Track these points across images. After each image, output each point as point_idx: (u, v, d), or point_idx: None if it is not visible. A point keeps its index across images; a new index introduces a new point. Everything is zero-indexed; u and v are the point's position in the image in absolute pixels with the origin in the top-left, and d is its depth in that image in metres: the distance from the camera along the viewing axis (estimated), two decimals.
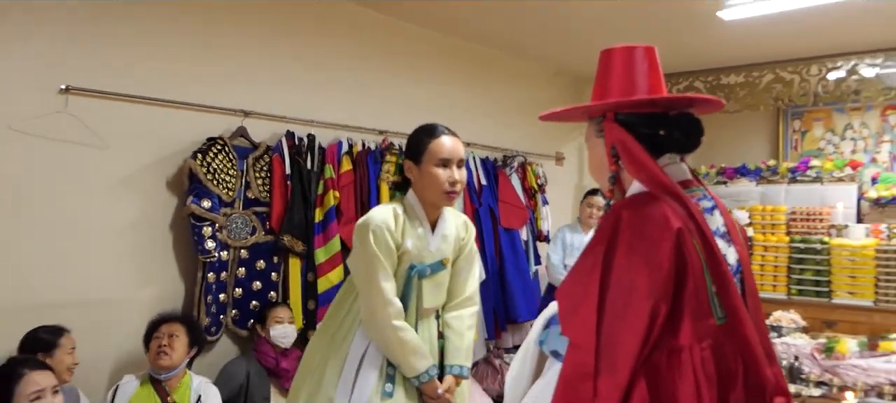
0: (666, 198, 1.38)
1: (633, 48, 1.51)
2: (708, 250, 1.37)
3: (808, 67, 4.87)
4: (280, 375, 3.16)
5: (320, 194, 3.51)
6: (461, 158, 2.15)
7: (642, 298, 1.29)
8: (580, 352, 1.32)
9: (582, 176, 5.97)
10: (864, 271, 4.56)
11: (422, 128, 2.17)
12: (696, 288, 1.34)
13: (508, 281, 4.49)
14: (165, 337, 2.74)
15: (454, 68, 4.60)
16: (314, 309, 3.46)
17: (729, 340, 1.37)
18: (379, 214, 2.09)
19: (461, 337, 2.23)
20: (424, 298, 2.14)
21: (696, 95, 1.52)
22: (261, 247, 3.34)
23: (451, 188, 2.11)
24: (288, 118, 3.52)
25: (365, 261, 2.05)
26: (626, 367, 1.28)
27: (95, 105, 2.85)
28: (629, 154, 1.45)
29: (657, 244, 1.32)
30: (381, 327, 2.04)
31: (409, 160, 2.15)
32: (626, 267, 1.33)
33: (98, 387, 2.85)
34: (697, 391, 1.30)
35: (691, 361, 1.31)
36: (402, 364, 2.07)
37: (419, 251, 2.12)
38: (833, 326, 4.63)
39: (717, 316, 1.37)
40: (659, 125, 1.47)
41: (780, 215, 5.03)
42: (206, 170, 3.07)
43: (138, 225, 3.03)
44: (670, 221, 1.33)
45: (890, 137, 5.28)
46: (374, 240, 2.02)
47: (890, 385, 3.60)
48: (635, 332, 1.28)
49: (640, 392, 1.29)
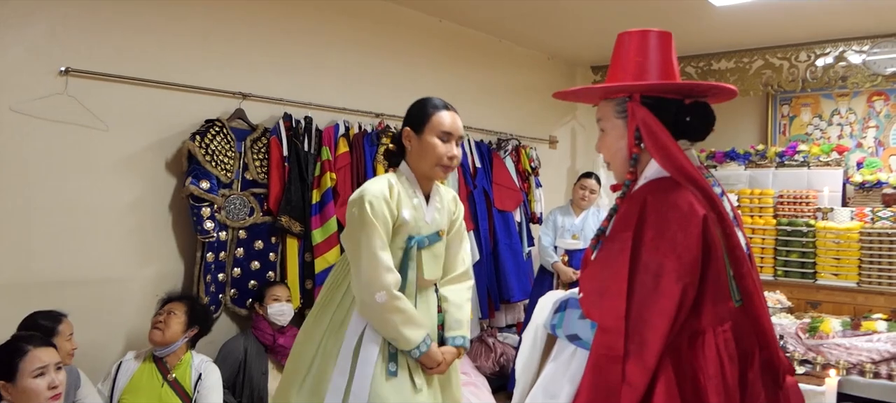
0: (687, 185, 1.40)
1: (648, 32, 1.52)
2: (726, 234, 1.41)
3: (797, 53, 4.94)
4: (277, 352, 3.23)
5: (317, 176, 3.56)
6: (460, 135, 2.17)
7: (672, 282, 1.32)
8: (609, 336, 1.33)
9: (574, 159, 6.04)
10: (849, 253, 4.66)
11: (426, 99, 2.18)
12: (718, 272, 1.38)
13: (502, 262, 4.56)
14: (163, 314, 2.80)
15: (450, 53, 4.64)
16: (311, 289, 3.52)
17: (745, 321, 1.42)
18: (375, 186, 2.07)
19: (460, 309, 2.24)
20: (424, 269, 2.13)
21: (715, 84, 1.53)
22: (259, 228, 3.39)
23: (449, 162, 2.12)
24: (285, 101, 3.55)
25: (362, 232, 2.01)
26: (654, 350, 1.30)
27: (95, 87, 2.88)
28: (654, 137, 1.45)
29: (684, 229, 1.34)
30: (378, 298, 1.98)
31: (409, 128, 2.15)
32: (653, 252, 1.34)
33: (99, 366, 2.90)
34: (722, 370, 1.34)
35: (715, 342, 1.35)
36: (398, 339, 2.03)
37: (416, 221, 2.11)
38: (817, 306, 4.74)
39: (735, 298, 1.42)
40: (681, 111, 1.48)
41: (767, 198, 5.13)
42: (205, 152, 3.11)
43: (138, 205, 3.07)
44: (695, 207, 1.36)
45: (875, 123, 5.37)
46: (371, 211, 2.00)
47: (871, 363, 3.71)
48: (665, 315, 1.31)
49: (666, 375, 1.32)
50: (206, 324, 2.96)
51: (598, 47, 5.21)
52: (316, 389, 2.05)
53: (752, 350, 1.43)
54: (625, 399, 1.30)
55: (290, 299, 3.34)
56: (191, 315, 2.86)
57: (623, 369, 1.31)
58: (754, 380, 1.41)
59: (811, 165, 5.19)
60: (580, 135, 6.09)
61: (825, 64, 4.83)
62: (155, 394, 2.73)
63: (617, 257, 1.38)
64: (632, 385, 1.30)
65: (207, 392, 2.78)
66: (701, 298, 1.36)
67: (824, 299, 4.75)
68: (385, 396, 2.00)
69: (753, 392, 1.40)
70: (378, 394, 1.99)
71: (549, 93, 5.47)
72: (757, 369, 1.42)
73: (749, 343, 1.43)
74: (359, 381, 2.00)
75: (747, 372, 1.40)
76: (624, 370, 1.31)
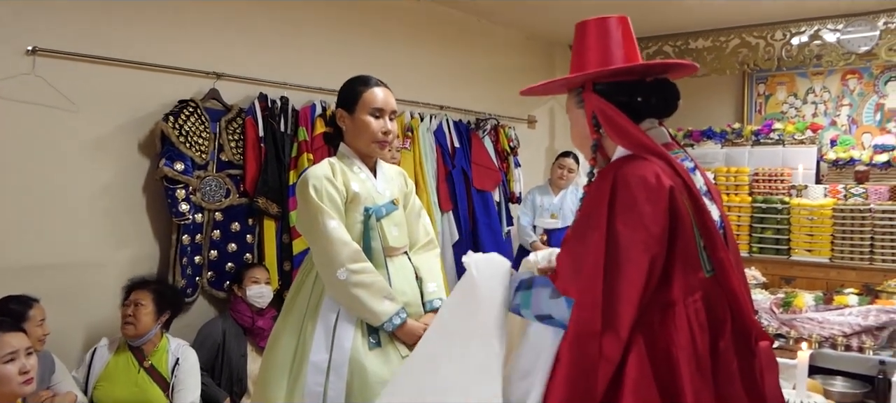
0: (653, 159, 1.44)
1: (607, 19, 1.55)
2: (695, 206, 1.43)
3: (773, 32, 4.97)
4: (256, 333, 3.21)
5: (294, 157, 3.52)
6: (394, 110, 2.16)
7: (639, 253, 1.35)
8: (586, 311, 1.35)
9: (553, 139, 6.05)
10: (822, 229, 4.74)
11: (355, 78, 2.18)
12: (686, 243, 1.41)
13: (481, 242, 4.57)
14: (131, 306, 2.75)
15: (428, 32, 4.60)
16: (290, 270, 3.50)
17: (717, 291, 1.45)
18: (316, 169, 2.08)
19: (432, 274, 2.24)
20: (388, 237, 2.12)
21: (671, 61, 1.56)
22: (235, 210, 3.35)
23: (384, 137, 2.12)
24: (261, 80, 3.50)
25: (311, 215, 2.01)
26: (626, 322, 1.33)
27: (64, 67, 2.81)
28: (610, 121, 1.50)
29: (652, 201, 1.37)
30: (339, 275, 1.96)
31: (341, 109, 2.15)
32: (623, 225, 1.37)
33: (73, 351, 2.86)
34: (693, 339, 1.37)
35: (686, 313, 1.38)
36: (368, 315, 1.99)
37: (368, 192, 2.11)
38: (791, 282, 4.82)
39: (706, 269, 1.45)
40: (636, 92, 1.52)
41: (743, 176, 5.19)
42: (179, 133, 3.06)
43: (110, 188, 3.02)
44: (662, 179, 1.39)
45: (849, 101, 5.44)
46: (315, 194, 2.01)
47: (842, 336, 3.78)
48: (634, 286, 1.34)
49: (638, 348, 1.35)
50: (177, 306, 2.91)
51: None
52: (299, 372, 2.02)
53: (725, 319, 1.45)
54: (602, 372, 1.33)
55: (269, 281, 3.32)
56: (159, 301, 2.80)
57: (600, 343, 1.33)
58: (726, 349, 1.43)
59: (786, 143, 5.25)
60: (559, 115, 6.09)
61: (800, 42, 4.87)
62: (131, 381, 2.71)
63: (592, 233, 1.40)
64: (608, 358, 1.33)
65: (185, 376, 2.76)
66: (671, 269, 1.39)
67: (798, 275, 4.83)
68: (368, 366, 1.98)
69: (725, 360, 1.42)
70: (361, 365, 1.97)
71: (528, 73, 5.47)
72: (729, 337, 1.44)
73: (721, 313, 1.45)
74: (338, 356, 1.98)
75: (719, 341, 1.43)
76: (600, 344, 1.33)
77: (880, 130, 5.30)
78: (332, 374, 1.98)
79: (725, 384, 1.42)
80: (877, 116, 5.35)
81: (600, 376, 1.33)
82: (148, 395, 2.71)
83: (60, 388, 2.57)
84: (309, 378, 1.98)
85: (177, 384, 2.75)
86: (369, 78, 2.17)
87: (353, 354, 1.99)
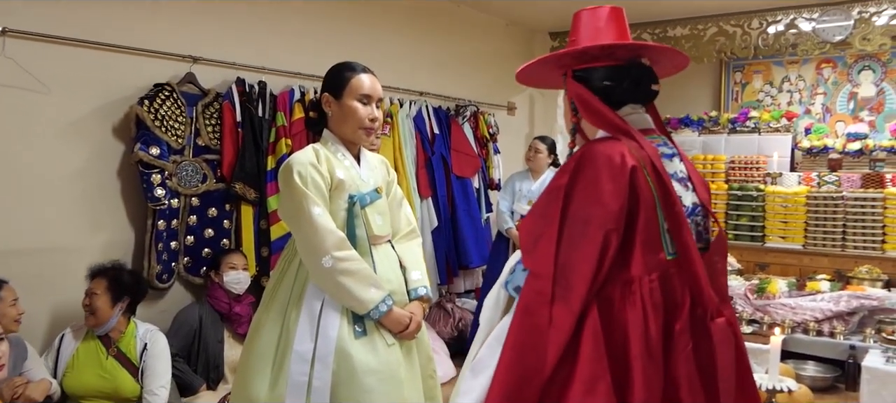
0: (623, 139, 1.47)
1: (599, 8, 1.60)
2: (662, 189, 1.45)
3: (750, 21, 5.02)
4: (233, 320, 3.19)
5: (272, 142, 3.49)
6: (380, 97, 2.15)
7: (596, 228, 1.38)
8: (539, 280, 1.40)
9: (533, 125, 6.06)
10: (796, 217, 4.82)
11: (342, 63, 2.15)
12: (647, 222, 1.43)
13: (460, 228, 4.58)
14: (87, 297, 2.70)
15: (408, 18, 4.57)
16: (268, 256, 3.48)
17: (678, 274, 1.47)
18: (301, 155, 2.03)
19: (415, 263, 2.23)
20: (372, 226, 2.10)
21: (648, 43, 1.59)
22: (212, 195, 3.32)
23: (371, 124, 2.10)
24: (238, 65, 3.46)
25: (295, 202, 1.97)
26: (579, 294, 1.36)
27: (36, 48, 2.75)
28: (586, 105, 1.56)
29: (613, 179, 1.40)
30: (324, 263, 1.93)
31: (328, 94, 2.12)
32: (582, 200, 1.41)
33: (43, 338, 2.82)
34: (644, 317, 1.39)
35: (640, 290, 1.41)
36: (354, 303, 1.96)
37: (353, 179, 2.09)
38: (765, 268, 4.90)
39: (668, 251, 1.47)
40: (607, 76, 1.56)
41: (719, 164, 5.25)
42: (154, 117, 3.02)
43: (84, 172, 2.97)
44: (626, 158, 1.42)
45: (823, 90, 5.52)
46: (300, 181, 1.97)
47: (815, 321, 3.86)
48: (589, 260, 1.37)
49: (592, 321, 1.37)
50: (137, 291, 2.82)
51: (557, 13, 5.20)
52: (283, 362, 1.98)
53: (682, 302, 1.45)
54: (551, 340, 1.35)
55: (247, 267, 3.29)
56: (114, 288, 2.72)
57: (550, 312, 1.36)
58: (682, 331, 1.43)
59: (762, 131, 5.33)
60: (538, 102, 6.10)
61: (776, 31, 4.93)
62: (100, 368, 2.68)
63: (551, 205, 1.45)
64: (558, 327, 1.36)
65: (154, 361, 2.73)
66: (630, 247, 1.42)
67: (772, 261, 4.91)
68: (354, 355, 1.95)
69: (679, 343, 1.43)
70: (347, 353, 1.95)
71: (508, 60, 5.47)
72: (685, 320, 1.45)
73: (679, 296, 1.46)
74: (324, 345, 1.95)
75: (674, 323, 1.44)
76: (551, 313, 1.36)
77: (853, 119, 5.39)
78: (318, 364, 1.94)
79: (678, 365, 1.42)
80: (850, 105, 5.44)
81: (551, 343, 1.35)
82: (117, 381, 2.68)
83: (33, 375, 2.54)
84: (293, 368, 1.94)
85: (146, 369, 2.72)
86: (356, 64, 2.15)
87: (338, 343, 1.95)
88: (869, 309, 3.80)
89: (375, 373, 1.96)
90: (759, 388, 2.68)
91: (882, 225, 4.55)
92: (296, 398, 1.93)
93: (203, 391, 3.02)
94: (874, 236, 4.57)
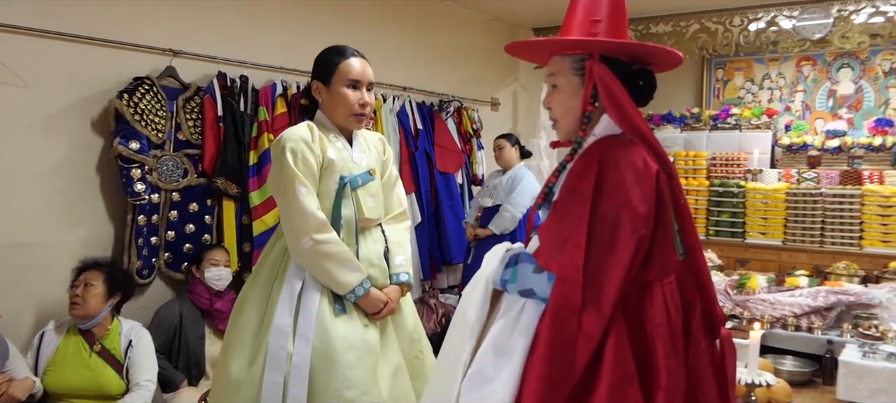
0: (639, 143, 1.46)
1: None
2: (675, 192, 1.47)
3: (732, 18, 5.06)
4: (214, 316, 3.17)
5: (254, 137, 3.46)
6: (371, 81, 2.13)
7: (628, 233, 1.36)
8: (567, 286, 1.36)
9: (516, 121, 6.07)
10: (775, 213, 4.88)
11: (331, 48, 2.13)
12: (666, 227, 1.44)
13: (444, 224, 4.58)
14: (80, 287, 2.66)
15: (391, 12, 4.55)
16: (249, 252, 3.45)
17: (688, 274, 1.50)
18: (295, 131, 2.01)
19: (400, 247, 2.22)
20: (363, 209, 2.09)
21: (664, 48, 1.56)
22: (193, 190, 3.29)
23: (361, 110, 2.09)
24: (219, 59, 3.43)
25: (283, 179, 1.97)
26: (610, 300, 1.34)
27: (12, 41, 2.71)
28: (613, 96, 1.46)
29: (641, 183, 1.39)
30: (304, 244, 1.94)
31: (317, 81, 2.11)
32: (611, 203, 1.38)
33: (22, 335, 2.78)
34: (668, 319, 1.41)
35: (662, 293, 1.42)
36: (332, 283, 1.98)
37: (344, 161, 2.07)
38: (745, 264, 4.95)
39: (679, 252, 1.48)
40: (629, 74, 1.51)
41: (701, 160, 5.30)
42: (134, 111, 2.98)
43: (63, 167, 2.92)
44: (650, 163, 1.42)
45: (803, 87, 5.58)
46: (292, 158, 1.95)
47: (793, 316, 3.90)
48: (621, 265, 1.35)
49: (618, 326, 1.36)
50: (128, 289, 2.83)
51: (540, 9, 5.20)
52: (264, 337, 1.98)
53: (694, 300, 1.50)
54: (581, 348, 1.33)
55: (228, 263, 3.27)
56: (110, 283, 2.70)
57: (579, 319, 1.34)
58: (697, 329, 1.48)
59: (743, 128, 5.38)
60: (522, 98, 6.11)
61: (757, 28, 4.97)
62: (83, 365, 2.64)
63: (576, 209, 1.40)
64: (588, 334, 1.33)
65: (139, 358, 2.71)
66: (650, 251, 1.42)
67: (752, 257, 4.96)
68: (334, 331, 1.96)
69: (696, 341, 1.48)
70: (327, 330, 1.96)
71: (491, 55, 5.47)
72: (699, 319, 1.50)
73: (691, 295, 1.50)
74: (304, 321, 1.96)
75: (691, 322, 1.48)
76: (580, 320, 1.33)
77: (832, 116, 5.47)
78: (298, 339, 1.95)
79: (695, 360, 1.47)
80: (829, 102, 5.50)
81: (580, 351, 1.33)
82: (101, 379, 2.65)
83: (16, 374, 2.51)
84: (272, 341, 1.95)
85: (131, 365, 2.69)
86: (346, 48, 2.11)
87: (319, 319, 1.97)
88: (846, 304, 3.85)
89: (355, 349, 1.98)
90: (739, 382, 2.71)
91: (860, 222, 4.61)
92: (275, 372, 1.93)
93: (184, 387, 3.00)
94: (852, 232, 4.63)
